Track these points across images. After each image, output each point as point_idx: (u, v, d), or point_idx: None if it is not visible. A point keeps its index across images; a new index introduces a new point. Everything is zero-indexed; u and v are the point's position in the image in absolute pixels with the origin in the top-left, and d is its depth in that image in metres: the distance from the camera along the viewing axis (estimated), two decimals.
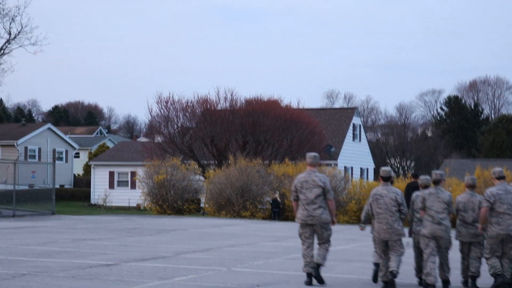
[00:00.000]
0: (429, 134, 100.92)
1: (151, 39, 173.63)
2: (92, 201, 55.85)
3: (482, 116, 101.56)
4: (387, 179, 13.57)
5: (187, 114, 49.45)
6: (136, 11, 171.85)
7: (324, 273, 13.83)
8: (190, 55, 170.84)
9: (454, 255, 14.30)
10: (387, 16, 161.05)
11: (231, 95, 49.53)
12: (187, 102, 49.30)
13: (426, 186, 14.39)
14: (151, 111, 50.65)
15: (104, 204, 45.98)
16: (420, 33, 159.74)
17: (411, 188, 26.24)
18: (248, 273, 15.13)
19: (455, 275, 14.25)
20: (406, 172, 74.42)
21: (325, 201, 13.49)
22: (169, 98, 49.45)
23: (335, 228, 14.25)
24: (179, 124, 49.91)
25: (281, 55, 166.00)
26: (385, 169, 13.75)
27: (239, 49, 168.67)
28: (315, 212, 13.42)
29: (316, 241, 13.74)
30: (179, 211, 40.13)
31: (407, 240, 13.83)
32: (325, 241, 13.60)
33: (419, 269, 14.06)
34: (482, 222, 13.54)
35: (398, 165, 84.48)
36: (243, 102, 49.53)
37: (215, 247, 20.32)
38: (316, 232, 13.57)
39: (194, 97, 49.81)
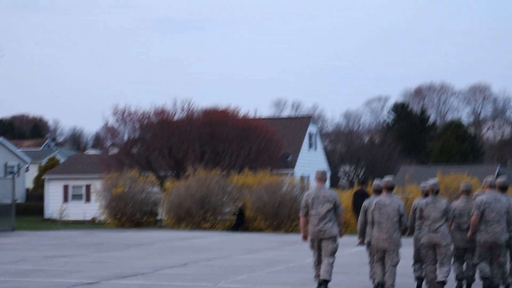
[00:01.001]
0: (377, 141, 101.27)
1: (97, 52, 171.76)
2: (46, 216, 54.77)
3: (429, 122, 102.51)
4: (391, 189, 13.55)
5: (144, 125, 48.83)
6: (81, 23, 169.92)
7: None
8: (138, 68, 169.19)
9: None
10: (332, 23, 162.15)
11: (188, 105, 49.17)
12: (144, 113, 48.76)
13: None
14: (108, 122, 50.05)
15: (60, 219, 45.05)
16: (365, 39, 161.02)
17: (358, 196, 26.26)
18: None
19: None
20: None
21: (334, 216, 13.67)
22: (126, 109, 48.87)
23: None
24: (136, 136, 49.29)
25: (230, 65, 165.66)
26: (388, 179, 13.69)
27: (185, 61, 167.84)
28: (325, 226, 13.62)
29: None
30: (138, 224, 39.63)
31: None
32: (330, 254, 13.60)
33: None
34: (472, 229, 13.71)
35: (353, 172, 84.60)
36: (200, 112, 49.13)
37: (191, 262, 19.99)
38: (323, 245, 13.63)
39: (151, 108, 49.37)
